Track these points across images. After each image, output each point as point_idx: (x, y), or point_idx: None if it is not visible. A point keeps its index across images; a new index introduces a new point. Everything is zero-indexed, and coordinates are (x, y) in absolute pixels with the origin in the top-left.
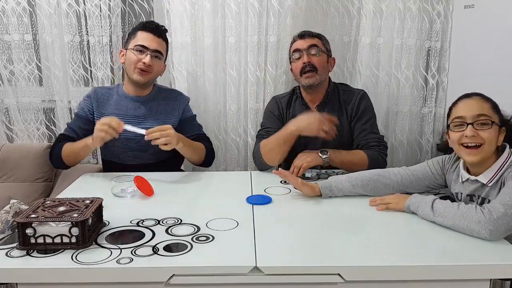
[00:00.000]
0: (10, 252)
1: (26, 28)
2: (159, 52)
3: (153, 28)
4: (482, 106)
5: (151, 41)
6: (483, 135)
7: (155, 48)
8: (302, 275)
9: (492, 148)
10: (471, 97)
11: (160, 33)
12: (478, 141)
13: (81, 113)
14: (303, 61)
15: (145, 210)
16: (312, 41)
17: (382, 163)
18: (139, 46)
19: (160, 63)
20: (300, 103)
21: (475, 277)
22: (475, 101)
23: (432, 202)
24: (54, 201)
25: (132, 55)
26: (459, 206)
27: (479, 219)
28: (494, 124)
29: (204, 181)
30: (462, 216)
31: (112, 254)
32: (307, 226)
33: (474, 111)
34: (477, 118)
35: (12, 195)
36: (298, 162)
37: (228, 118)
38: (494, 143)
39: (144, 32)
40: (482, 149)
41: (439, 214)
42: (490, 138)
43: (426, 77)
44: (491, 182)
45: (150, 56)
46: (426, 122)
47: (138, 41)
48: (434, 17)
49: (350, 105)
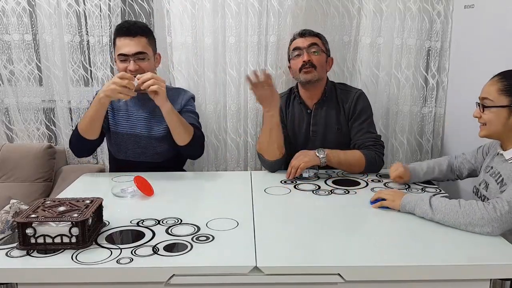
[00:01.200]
0: (10, 252)
1: (26, 28)
2: (140, 53)
3: (126, 31)
4: (489, 89)
5: (128, 46)
6: (484, 116)
7: (135, 51)
8: (302, 275)
9: (496, 128)
10: (493, 78)
11: (135, 33)
12: (481, 121)
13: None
14: (303, 59)
15: (145, 210)
16: (312, 39)
17: (379, 162)
18: (120, 56)
19: (147, 62)
20: (298, 102)
21: (475, 277)
22: (489, 83)
23: (430, 200)
24: (54, 201)
25: (118, 63)
26: (460, 202)
27: (482, 215)
28: (495, 108)
29: (204, 181)
30: (465, 213)
31: (112, 254)
32: (307, 226)
33: (482, 94)
34: (482, 101)
35: (12, 195)
36: (296, 162)
37: (228, 118)
38: (497, 124)
39: (121, 39)
40: (484, 127)
41: (439, 211)
42: (490, 119)
43: (426, 77)
44: (511, 160)
45: (133, 62)
46: (426, 122)
47: (118, 50)
48: (434, 17)
49: (347, 104)
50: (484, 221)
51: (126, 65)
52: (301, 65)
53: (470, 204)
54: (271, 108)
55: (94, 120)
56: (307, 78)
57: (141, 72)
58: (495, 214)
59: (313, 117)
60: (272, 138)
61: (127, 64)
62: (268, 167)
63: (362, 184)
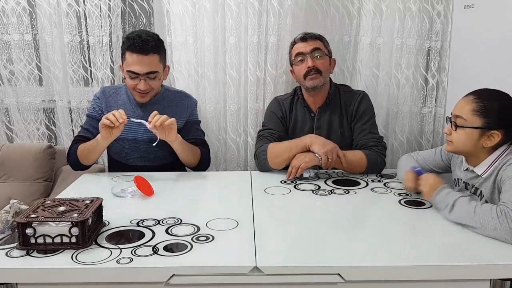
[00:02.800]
0: (10, 252)
1: (26, 28)
2: (152, 72)
3: (139, 48)
4: (463, 108)
5: (140, 65)
6: (454, 136)
7: (147, 71)
8: (302, 275)
9: (464, 147)
10: (467, 95)
11: (148, 51)
12: (449, 139)
13: (93, 114)
14: (307, 65)
15: (145, 210)
16: (314, 44)
17: (381, 163)
18: (130, 73)
19: (156, 80)
20: (301, 105)
21: (475, 277)
22: (463, 100)
23: (453, 205)
24: (54, 201)
25: (127, 78)
26: (475, 209)
27: (495, 227)
28: (466, 128)
29: (204, 181)
30: (479, 222)
31: (112, 254)
32: (307, 226)
33: (455, 111)
34: (454, 119)
35: (12, 195)
36: (296, 162)
37: (228, 118)
38: (467, 144)
39: (133, 54)
40: (452, 144)
41: (459, 217)
42: (458, 139)
43: (426, 77)
44: (484, 174)
45: (143, 82)
46: (426, 122)
47: (128, 66)
48: (434, 17)
49: (351, 107)
50: (497, 232)
51: (136, 83)
52: (305, 72)
53: (484, 212)
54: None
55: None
56: (312, 84)
57: (149, 90)
58: (507, 225)
59: (317, 121)
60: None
61: (136, 82)
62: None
63: (362, 184)
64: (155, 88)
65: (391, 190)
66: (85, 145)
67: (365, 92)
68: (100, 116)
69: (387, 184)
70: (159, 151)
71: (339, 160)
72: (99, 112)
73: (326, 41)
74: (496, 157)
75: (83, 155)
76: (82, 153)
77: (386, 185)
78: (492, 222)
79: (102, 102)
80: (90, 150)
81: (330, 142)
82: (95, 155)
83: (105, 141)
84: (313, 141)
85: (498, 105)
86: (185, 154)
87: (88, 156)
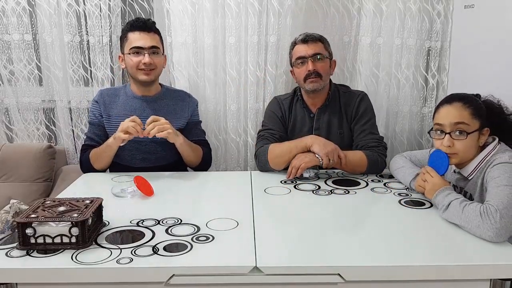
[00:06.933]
0: (10, 252)
1: (26, 28)
2: (155, 47)
3: (141, 25)
4: (461, 114)
5: (144, 39)
6: (458, 145)
7: (151, 45)
8: (302, 275)
9: (468, 154)
10: (452, 103)
11: (150, 28)
12: (453, 151)
13: (94, 120)
14: (308, 69)
15: (145, 210)
16: (315, 47)
17: (381, 163)
18: (134, 49)
19: (159, 57)
20: (301, 106)
21: (475, 277)
22: (455, 108)
23: (448, 205)
24: (54, 201)
25: (130, 58)
26: (463, 209)
27: (478, 224)
28: (472, 133)
29: (204, 181)
30: (465, 220)
31: (112, 254)
32: (307, 226)
33: (452, 119)
34: (454, 127)
35: (12, 195)
36: (296, 162)
37: (228, 118)
38: (470, 150)
39: (135, 33)
40: (457, 156)
41: (450, 216)
42: (465, 148)
43: (426, 77)
44: (471, 176)
45: (148, 55)
46: (426, 122)
47: (131, 43)
48: (434, 17)
49: (350, 108)
50: (480, 229)
51: (140, 59)
52: (306, 75)
53: (469, 211)
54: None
55: (105, 158)
56: (312, 87)
57: (153, 67)
58: (488, 222)
59: (316, 121)
60: (290, 156)
61: (141, 57)
62: (261, 167)
63: (362, 184)
64: (158, 67)
65: (391, 190)
66: (96, 151)
67: (364, 93)
68: (100, 122)
69: (387, 184)
70: (161, 151)
71: (340, 161)
72: (99, 118)
73: (327, 42)
74: (482, 158)
75: (97, 161)
76: (95, 160)
77: (386, 185)
78: (476, 220)
79: (101, 105)
80: (102, 155)
81: (331, 143)
82: (107, 159)
83: (116, 145)
84: (314, 142)
85: (481, 103)
86: (187, 153)
87: (101, 161)
